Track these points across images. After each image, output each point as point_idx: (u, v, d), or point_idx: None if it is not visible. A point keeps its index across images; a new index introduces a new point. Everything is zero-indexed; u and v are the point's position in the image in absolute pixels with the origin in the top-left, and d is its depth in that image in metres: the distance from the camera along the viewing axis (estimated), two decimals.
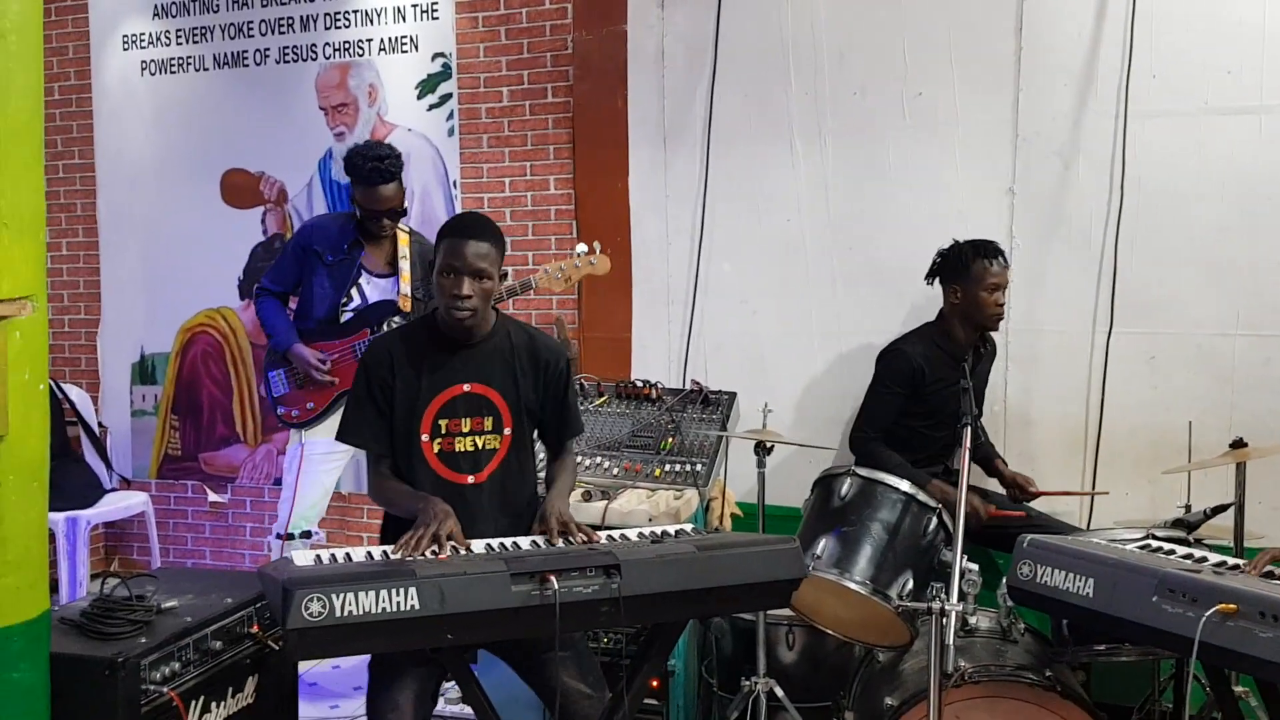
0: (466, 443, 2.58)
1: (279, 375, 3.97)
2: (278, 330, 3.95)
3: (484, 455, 2.60)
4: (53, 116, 5.33)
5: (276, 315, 3.99)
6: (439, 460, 2.57)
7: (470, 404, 2.59)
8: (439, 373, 2.58)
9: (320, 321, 3.91)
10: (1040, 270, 3.89)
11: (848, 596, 2.90)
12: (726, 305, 4.31)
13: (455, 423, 2.58)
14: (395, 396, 2.57)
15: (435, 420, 2.57)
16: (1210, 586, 2.19)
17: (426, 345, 2.60)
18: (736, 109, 4.26)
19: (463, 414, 2.58)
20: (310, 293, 3.93)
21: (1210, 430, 3.56)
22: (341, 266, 3.89)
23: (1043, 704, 2.73)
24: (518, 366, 2.64)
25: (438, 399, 2.57)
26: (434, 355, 2.59)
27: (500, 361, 2.62)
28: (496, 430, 2.61)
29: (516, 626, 2.16)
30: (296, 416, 3.94)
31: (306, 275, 3.93)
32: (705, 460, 3.68)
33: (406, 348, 2.60)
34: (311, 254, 3.91)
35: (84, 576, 4.50)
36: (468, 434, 2.58)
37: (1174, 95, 3.74)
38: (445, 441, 2.57)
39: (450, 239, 2.53)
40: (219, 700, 2.60)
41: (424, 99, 4.75)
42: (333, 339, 3.89)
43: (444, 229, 2.60)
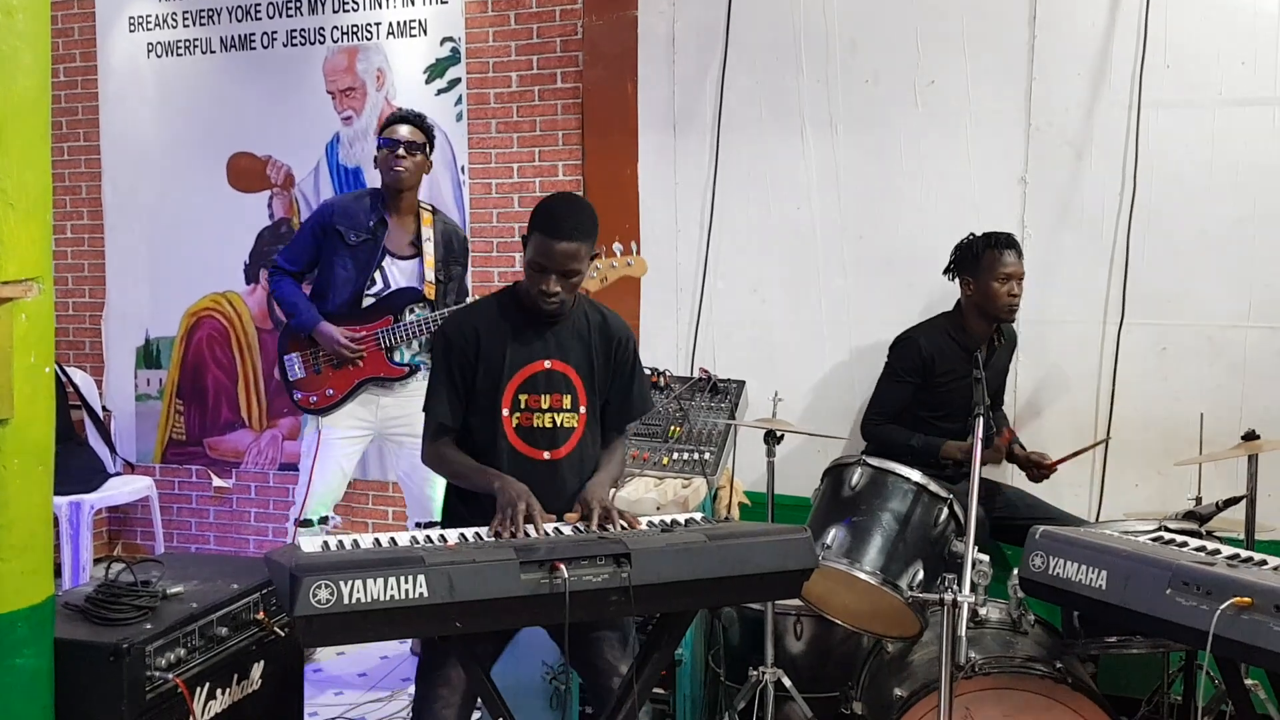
0: (545, 419, 2.59)
1: (294, 360, 3.88)
2: (299, 309, 3.85)
3: (561, 433, 2.61)
4: (58, 99, 5.30)
5: (296, 294, 3.89)
6: (517, 435, 2.57)
7: (551, 381, 2.59)
8: (522, 348, 2.58)
9: (341, 305, 3.82)
10: (1052, 261, 3.86)
11: (857, 586, 2.88)
12: (736, 293, 4.29)
13: (535, 399, 2.58)
14: (478, 372, 2.56)
15: (516, 395, 2.57)
16: (1225, 579, 2.17)
17: (510, 320, 2.60)
18: (747, 96, 4.23)
19: (543, 390, 2.59)
20: (331, 275, 3.84)
21: (1221, 422, 3.54)
22: (365, 247, 3.81)
23: (1053, 696, 2.72)
24: (594, 345, 2.65)
25: (520, 374, 2.57)
26: (517, 330, 2.59)
27: (579, 340, 2.63)
28: (574, 409, 2.62)
29: (525, 615, 2.15)
30: (315, 403, 3.85)
31: (326, 256, 3.84)
32: (713, 449, 3.66)
33: (490, 322, 2.60)
34: (333, 234, 3.81)
35: (87, 561, 4.49)
36: (546, 410, 2.59)
37: (1188, 86, 3.72)
38: (524, 417, 2.58)
39: (541, 236, 2.49)
40: (224, 687, 2.59)
41: (432, 83, 4.72)
42: (355, 324, 3.81)
43: (539, 219, 2.53)
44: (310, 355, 3.86)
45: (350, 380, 3.83)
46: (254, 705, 2.70)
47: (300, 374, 3.88)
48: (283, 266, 3.93)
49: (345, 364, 3.81)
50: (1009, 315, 3.58)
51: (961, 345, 3.56)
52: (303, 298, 3.89)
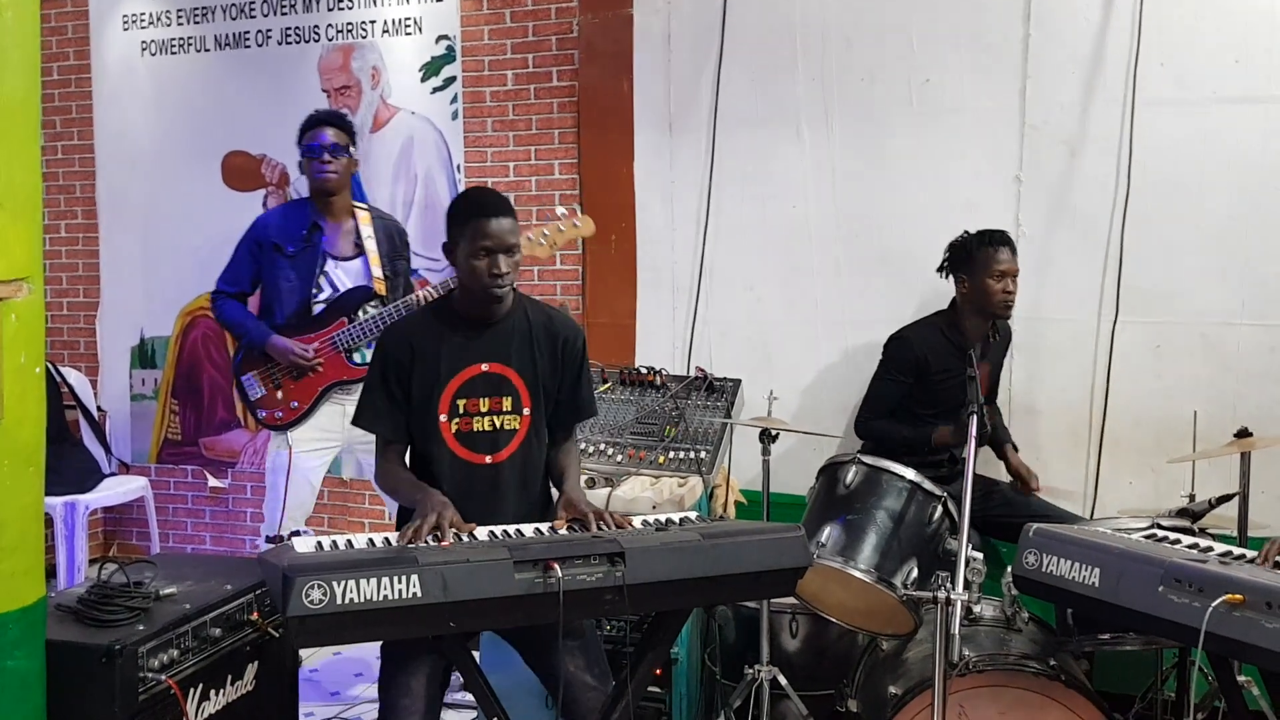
0: (484, 423, 2.56)
1: (251, 379, 3.82)
2: (248, 328, 3.81)
3: (503, 435, 2.58)
4: (51, 97, 5.29)
5: (242, 314, 3.86)
6: (456, 440, 2.55)
7: (489, 384, 2.57)
8: (457, 353, 2.56)
9: (291, 316, 3.77)
10: (1046, 259, 3.87)
11: (852, 584, 2.89)
12: (731, 292, 4.29)
13: (473, 403, 2.56)
14: (413, 380, 2.54)
15: (453, 400, 2.55)
16: (1216, 577, 2.18)
17: (444, 326, 2.58)
18: (743, 94, 4.23)
19: (481, 394, 2.56)
20: (275, 289, 3.79)
21: (1215, 420, 3.54)
22: (304, 256, 3.77)
23: (1047, 693, 2.72)
24: (535, 345, 2.62)
25: (456, 379, 2.55)
26: (452, 336, 2.57)
27: (519, 340, 2.60)
28: (516, 410, 2.59)
29: (520, 614, 2.15)
30: (281, 418, 3.80)
31: (267, 271, 3.80)
32: (709, 447, 3.65)
33: (425, 330, 2.58)
34: (269, 248, 3.78)
35: (82, 561, 4.48)
36: (486, 414, 2.56)
37: (1182, 84, 3.72)
38: (463, 422, 2.55)
39: (476, 220, 2.49)
40: (218, 688, 2.58)
41: (428, 82, 4.71)
42: (308, 332, 3.76)
43: (463, 210, 2.55)
44: (266, 372, 3.80)
45: (313, 389, 3.78)
46: (248, 706, 2.69)
47: (261, 392, 3.81)
48: (223, 290, 3.89)
49: (304, 374, 3.78)
50: (1005, 312, 3.58)
51: (956, 344, 3.55)
52: (249, 316, 3.86)
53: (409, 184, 4.71)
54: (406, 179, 4.71)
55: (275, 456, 3.86)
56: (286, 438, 3.81)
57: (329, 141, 3.77)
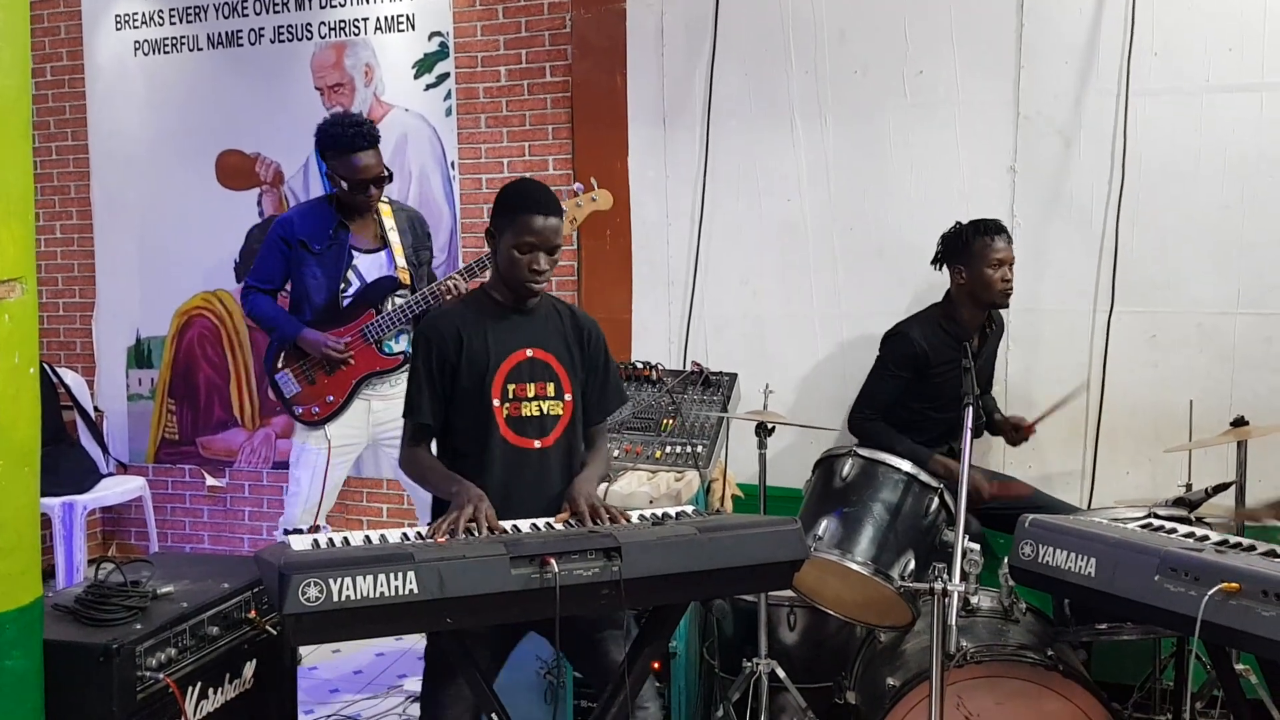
0: (532, 408, 2.58)
1: (286, 376, 3.83)
2: (279, 322, 3.83)
3: (549, 420, 2.60)
4: (45, 98, 5.29)
5: (273, 309, 3.87)
6: (508, 425, 2.57)
7: (534, 369, 2.59)
8: (503, 339, 2.58)
9: (320, 310, 3.80)
10: (1041, 249, 3.87)
11: (849, 577, 2.89)
12: (727, 286, 4.29)
13: (521, 388, 2.58)
14: (461, 370, 2.56)
15: (504, 385, 2.57)
16: (1212, 565, 2.18)
17: (486, 314, 2.61)
18: (736, 88, 4.22)
19: (527, 379, 2.58)
20: (304, 285, 3.81)
21: (1211, 409, 3.55)
22: (331, 253, 3.79)
23: (1045, 683, 2.73)
24: (568, 335, 2.65)
25: (505, 363, 2.57)
26: (496, 323, 2.59)
27: (554, 329, 2.64)
28: (559, 396, 2.61)
29: (516, 610, 2.14)
30: (318, 414, 3.80)
31: (295, 268, 3.81)
32: (706, 442, 3.66)
33: (469, 321, 2.60)
34: (297, 246, 3.79)
35: (81, 562, 4.49)
36: (533, 399, 2.58)
37: (1175, 73, 3.72)
38: (513, 407, 2.57)
39: (525, 215, 2.51)
40: (216, 686, 2.59)
41: (421, 78, 4.71)
42: (337, 326, 3.78)
43: (513, 203, 2.55)
44: (301, 367, 3.82)
45: (347, 382, 3.80)
46: (246, 704, 2.69)
47: (296, 389, 3.82)
48: (255, 285, 3.90)
49: (337, 367, 3.79)
50: (1005, 301, 3.58)
51: (954, 336, 3.55)
52: (280, 312, 3.87)
53: (403, 181, 4.71)
54: (401, 176, 4.70)
55: (302, 451, 3.85)
56: (325, 433, 3.80)
57: (374, 173, 3.73)
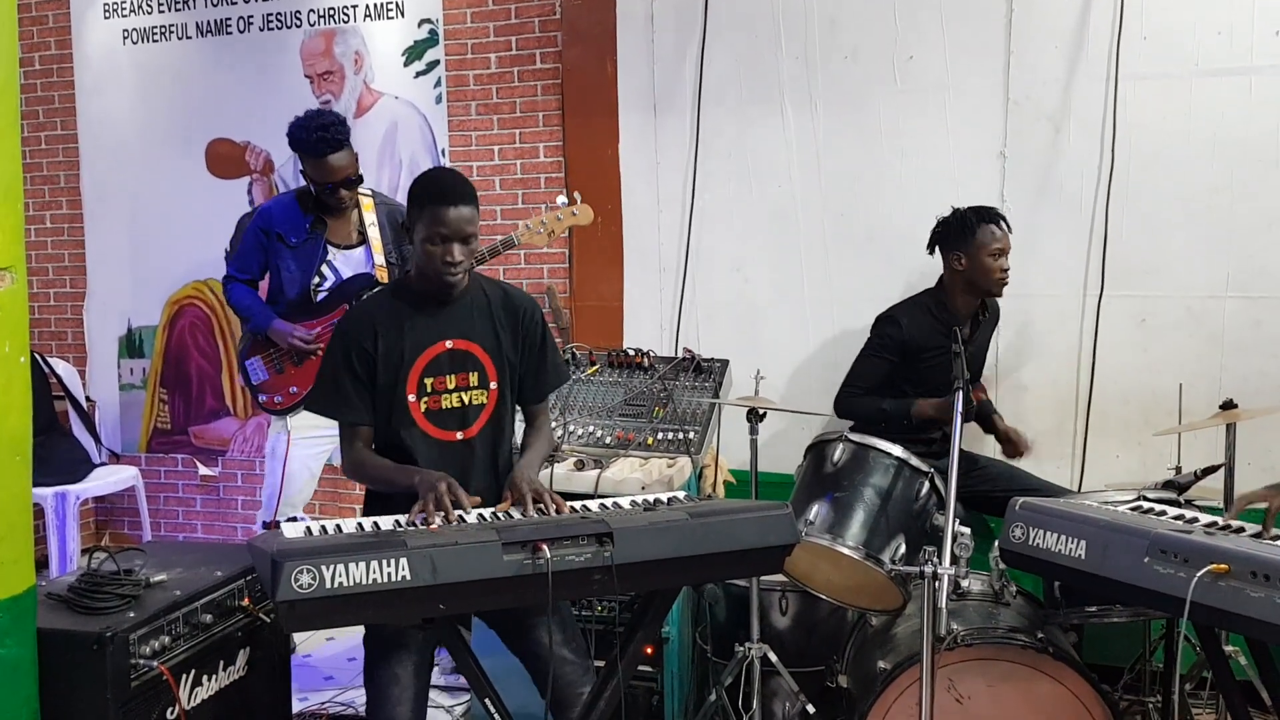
0: (453, 399, 2.58)
1: (256, 363, 3.85)
2: (254, 311, 3.83)
3: (471, 411, 2.60)
4: (34, 87, 5.26)
5: (250, 298, 3.87)
6: (426, 419, 2.56)
7: (455, 360, 2.58)
8: (421, 332, 2.56)
9: (293, 303, 3.79)
10: (1031, 234, 3.87)
11: (841, 561, 2.90)
12: (718, 272, 4.29)
13: (440, 380, 2.56)
14: (377, 362, 2.54)
15: (421, 379, 2.55)
16: (1201, 547, 2.19)
17: (405, 307, 2.58)
18: (727, 74, 4.22)
19: (447, 371, 2.57)
20: (279, 277, 3.81)
21: (1200, 392, 3.56)
22: (306, 247, 3.77)
23: (1035, 665, 2.75)
24: (496, 320, 2.63)
25: (422, 358, 2.55)
26: (413, 316, 2.57)
27: (480, 316, 2.61)
28: (483, 385, 2.60)
29: (509, 596, 2.16)
30: (280, 403, 3.82)
31: (272, 259, 3.81)
32: (698, 428, 3.67)
33: (385, 312, 2.58)
34: (274, 237, 3.78)
35: (74, 551, 4.49)
36: (454, 390, 2.57)
37: (1164, 57, 3.72)
38: (432, 400, 2.56)
39: (434, 207, 2.48)
40: (210, 674, 2.59)
41: (410, 66, 4.69)
42: (310, 318, 3.78)
43: (423, 195, 2.52)
44: (270, 356, 3.83)
45: (312, 375, 3.78)
46: (241, 691, 2.70)
47: (264, 376, 3.84)
48: (234, 275, 3.90)
49: (305, 358, 3.79)
50: (1000, 290, 3.57)
51: (945, 322, 3.54)
52: (257, 301, 3.88)
53: (393, 169, 4.70)
54: (391, 165, 4.70)
55: (274, 441, 3.89)
56: (286, 423, 3.82)
57: (343, 175, 3.69)
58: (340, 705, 3.63)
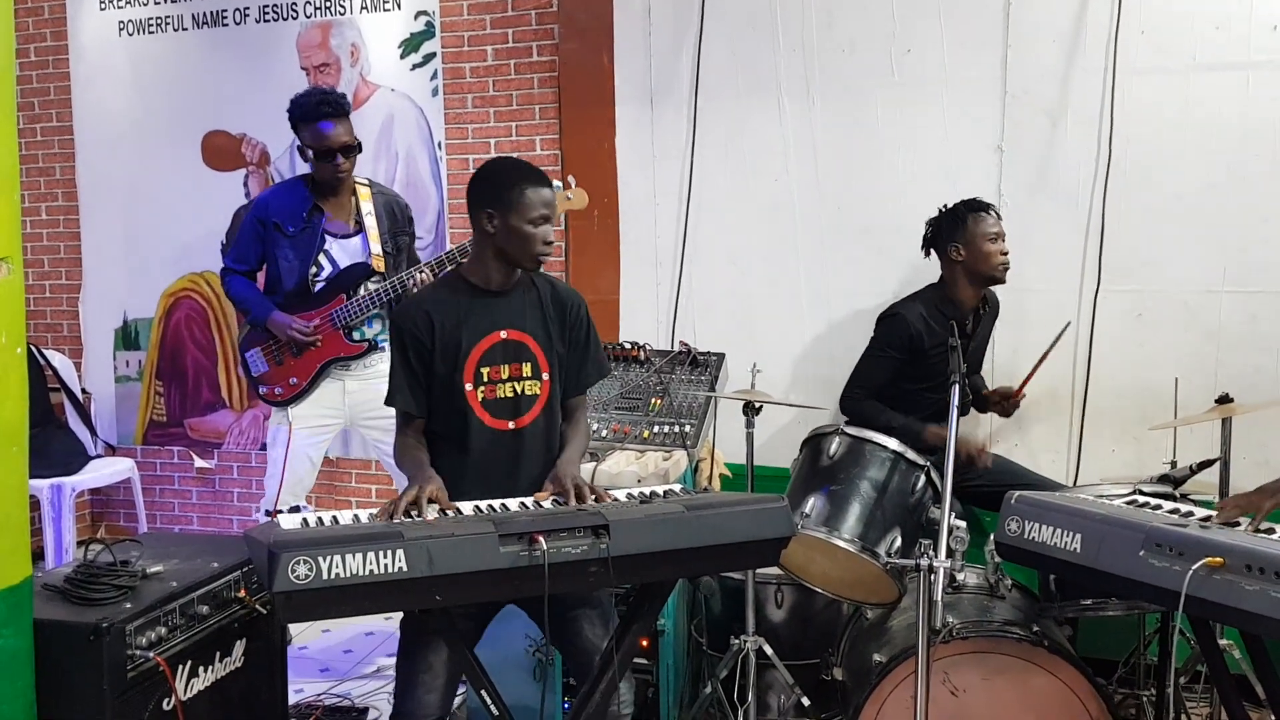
0: (506, 389, 2.60)
1: (256, 354, 3.85)
2: (251, 303, 3.84)
3: (525, 401, 2.62)
4: (29, 79, 5.25)
5: (247, 289, 3.88)
6: (483, 408, 2.59)
7: (508, 351, 2.61)
8: (477, 322, 2.59)
9: (290, 294, 3.79)
10: (1028, 228, 3.87)
11: (836, 554, 2.91)
12: (714, 266, 4.29)
13: (495, 370, 2.59)
14: (435, 354, 2.57)
15: (478, 368, 2.58)
16: (1197, 540, 2.19)
17: (459, 298, 2.62)
18: (723, 67, 4.21)
19: (501, 361, 2.60)
20: (276, 267, 3.81)
21: (1196, 387, 3.57)
22: (304, 236, 3.77)
23: (1030, 659, 2.75)
24: (546, 313, 2.66)
25: (478, 347, 2.58)
26: (468, 306, 2.60)
27: (531, 308, 2.65)
28: (535, 376, 2.63)
29: (506, 588, 2.16)
30: (281, 394, 3.84)
31: (270, 249, 3.81)
32: (694, 421, 3.67)
33: (441, 304, 2.61)
34: (271, 227, 3.78)
35: (70, 543, 4.48)
36: (507, 380, 2.60)
37: (1162, 51, 3.72)
38: (488, 389, 2.59)
39: (534, 187, 2.53)
40: (207, 664, 2.59)
41: (407, 58, 4.68)
42: (308, 309, 3.78)
43: (513, 177, 2.55)
44: (270, 348, 3.84)
45: (312, 365, 3.81)
46: (237, 682, 2.70)
47: (264, 368, 3.85)
48: (232, 267, 3.90)
49: (304, 350, 3.79)
50: (1003, 275, 3.56)
51: (949, 317, 3.54)
52: (255, 292, 3.88)
53: (390, 162, 4.69)
54: (387, 157, 4.69)
55: (275, 432, 3.90)
56: (287, 414, 3.84)
57: (341, 141, 3.71)
58: (336, 697, 3.63)
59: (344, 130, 3.73)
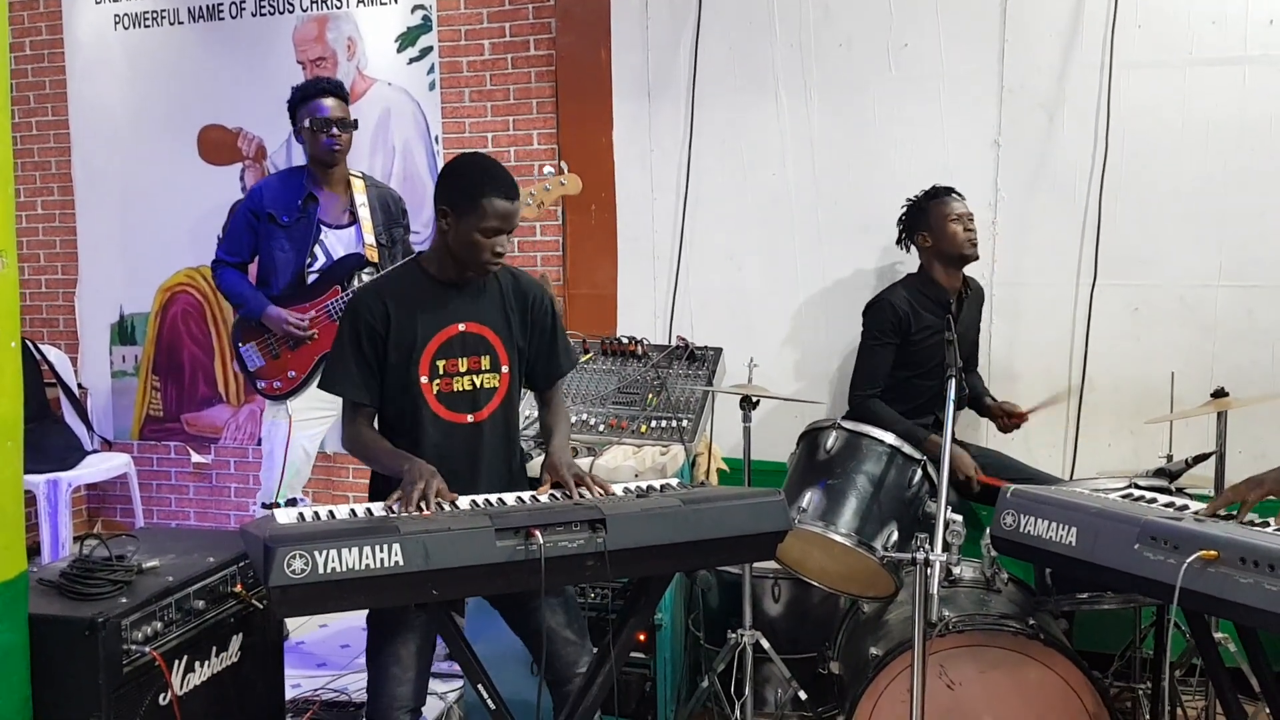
0: (464, 382, 2.58)
1: (251, 349, 3.85)
2: (246, 298, 3.83)
3: (483, 394, 2.60)
4: (24, 72, 5.24)
5: (241, 283, 3.87)
6: (438, 401, 2.57)
7: (467, 343, 2.58)
8: (434, 314, 2.56)
9: (286, 286, 3.79)
10: (1025, 223, 3.88)
11: (833, 548, 2.91)
12: (712, 260, 4.29)
13: (452, 363, 2.57)
14: (389, 343, 2.54)
15: (433, 361, 2.56)
16: (1191, 534, 2.19)
17: (417, 289, 2.58)
18: (721, 61, 4.21)
19: (459, 354, 2.57)
20: (271, 259, 3.81)
21: (1192, 381, 3.57)
22: (299, 225, 3.78)
23: (1026, 652, 2.76)
24: (507, 305, 2.64)
25: (434, 340, 2.55)
26: (426, 298, 2.57)
27: (491, 301, 2.62)
28: (494, 369, 2.61)
29: (502, 582, 2.16)
30: (279, 388, 3.83)
31: (263, 241, 3.81)
32: (691, 416, 3.67)
33: (398, 293, 2.58)
34: (265, 219, 3.78)
35: (66, 539, 4.48)
36: (465, 373, 2.58)
37: (1158, 46, 3.72)
38: (444, 382, 2.57)
39: (492, 199, 2.47)
40: (203, 659, 2.59)
41: (404, 52, 4.67)
42: (303, 302, 3.78)
43: (478, 184, 2.49)
44: (265, 342, 3.83)
45: (309, 359, 3.80)
46: (233, 677, 2.69)
47: (260, 362, 3.84)
48: (223, 259, 3.89)
49: (301, 344, 3.79)
50: (973, 252, 3.59)
51: (933, 299, 3.60)
52: (248, 286, 3.87)
53: (387, 156, 4.69)
54: (385, 151, 4.68)
55: (272, 426, 3.89)
56: (286, 407, 3.83)
57: (336, 115, 3.76)
58: (333, 691, 3.63)
59: (340, 107, 3.78)
